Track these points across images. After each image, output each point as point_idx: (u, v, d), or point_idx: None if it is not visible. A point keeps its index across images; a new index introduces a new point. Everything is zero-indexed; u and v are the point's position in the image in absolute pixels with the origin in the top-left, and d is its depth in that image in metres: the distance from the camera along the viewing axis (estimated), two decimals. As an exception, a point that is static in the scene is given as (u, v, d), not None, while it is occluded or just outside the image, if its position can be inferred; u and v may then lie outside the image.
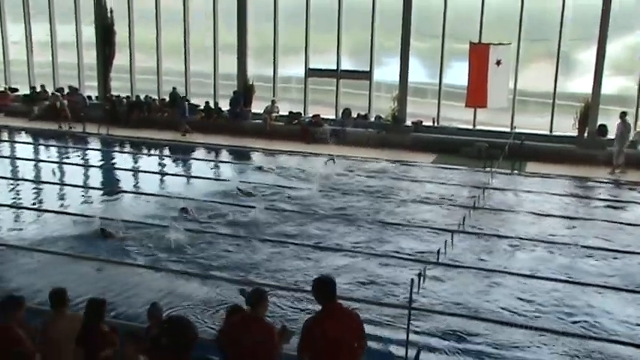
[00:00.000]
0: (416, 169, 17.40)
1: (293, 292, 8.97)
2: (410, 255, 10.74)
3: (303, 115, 21.53)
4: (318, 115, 21.24)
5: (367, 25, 20.52)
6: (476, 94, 17.09)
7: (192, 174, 16.26)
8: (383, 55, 21.19)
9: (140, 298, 8.58)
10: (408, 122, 20.53)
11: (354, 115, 21.18)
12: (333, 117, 21.38)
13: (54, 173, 16.12)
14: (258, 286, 6.69)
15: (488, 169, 16.63)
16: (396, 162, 17.87)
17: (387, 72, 21.07)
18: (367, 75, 20.95)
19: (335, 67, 21.27)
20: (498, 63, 16.66)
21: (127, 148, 19.38)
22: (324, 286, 5.37)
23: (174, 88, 22.40)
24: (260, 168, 16.54)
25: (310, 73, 21.63)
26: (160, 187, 15.10)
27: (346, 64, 21.32)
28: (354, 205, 13.64)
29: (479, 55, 16.91)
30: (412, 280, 7.58)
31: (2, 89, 24.11)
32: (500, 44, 16.96)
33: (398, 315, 8.30)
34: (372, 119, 21.05)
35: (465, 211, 12.80)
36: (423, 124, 20.41)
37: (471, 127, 20.06)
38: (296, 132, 20.68)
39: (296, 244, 11.07)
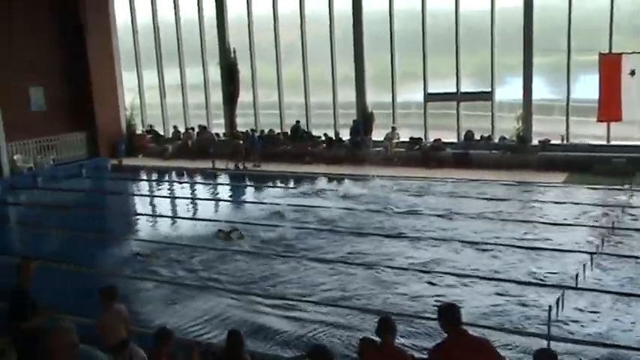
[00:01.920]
0: (546, 189, 16.63)
1: (420, 320, 8.78)
2: (546, 280, 10.20)
3: (424, 140, 21.33)
4: (440, 140, 20.95)
5: (486, 44, 20.06)
6: (608, 108, 16.21)
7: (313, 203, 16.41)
8: (504, 74, 20.61)
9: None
10: (535, 141, 19.73)
11: (477, 137, 20.68)
12: (455, 140, 21.01)
13: (186, 208, 17.03)
14: (385, 314, 6.61)
15: (626, 186, 15.56)
16: (524, 183, 17.22)
17: (509, 91, 20.48)
18: (489, 95, 20.42)
19: (454, 90, 20.93)
20: (632, 73, 15.73)
21: (253, 182, 20.09)
22: (448, 311, 5.23)
23: (297, 122, 23.01)
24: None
25: (429, 97, 21.43)
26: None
27: (466, 86, 20.92)
28: (483, 228, 13.22)
29: (610, 66, 16.07)
30: (550, 307, 7.19)
31: (140, 132, 25.90)
32: (633, 53, 15.99)
33: (534, 346, 7.86)
34: (496, 140, 20.43)
35: (603, 232, 12.01)
36: (551, 142, 19.52)
37: (604, 142, 18.92)
38: (417, 157, 20.51)
39: (420, 271, 10.88)
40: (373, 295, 9.93)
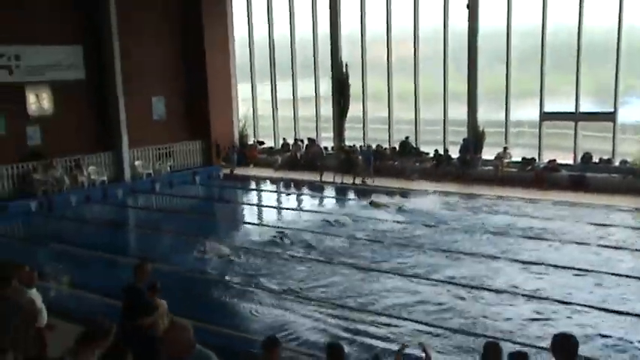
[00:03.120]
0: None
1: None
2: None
3: (537, 160, 20.52)
4: (554, 161, 20.08)
5: (611, 63, 19.04)
6: None
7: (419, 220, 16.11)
8: (629, 94, 19.46)
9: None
10: (661, 166, 18.49)
11: (596, 159, 19.63)
12: (571, 162, 20.06)
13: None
14: (491, 340, 6.38)
15: None
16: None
17: (634, 112, 19.30)
18: (611, 116, 19.34)
19: (573, 110, 20.00)
20: None
21: (356, 195, 19.96)
22: (565, 342, 4.92)
23: (406, 137, 22.83)
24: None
25: (545, 116, 20.60)
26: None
27: (586, 106, 19.93)
28: (598, 256, 12.50)
29: None
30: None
31: (251, 142, 26.71)
32: None
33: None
34: (617, 164, 19.30)
35: None
36: (680, 167, 18.20)
37: None
38: (530, 179, 19.76)
39: (528, 296, 10.43)
40: (474, 317, 9.63)
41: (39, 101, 20.55)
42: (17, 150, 19.82)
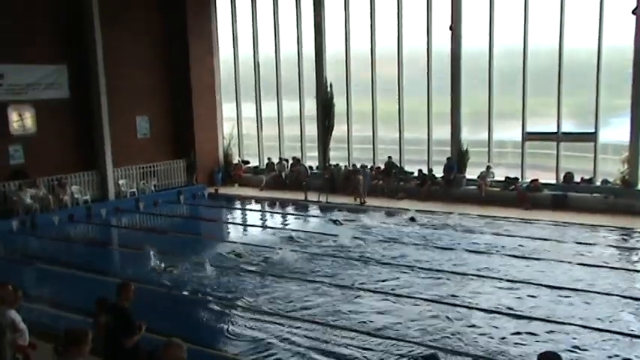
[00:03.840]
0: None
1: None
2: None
3: (520, 180, 20.72)
4: (537, 180, 20.28)
5: (590, 83, 19.34)
6: None
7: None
8: (609, 115, 19.76)
9: None
10: (641, 186, 18.75)
11: (577, 179, 19.86)
12: (554, 182, 20.27)
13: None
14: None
15: None
16: (626, 229, 16.32)
17: (614, 132, 19.60)
18: (592, 136, 19.61)
19: (555, 130, 20.27)
20: None
21: (342, 215, 19.86)
22: None
23: (389, 157, 22.95)
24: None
25: (528, 136, 20.83)
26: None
27: (567, 126, 20.21)
28: (578, 274, 12.61)
29: None
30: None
31: (236, 162, 26.70)
32: None
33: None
34: (598, 183, 19.54)
35: None
36: (660, 187, 18.46)
37: None
38: (513, 198, 19.93)
39: (510, 315, 10.49)
40: (459, 336, 9.66)
41: (22, 120, 20.45)
42: (-1, 169, 19.72)
